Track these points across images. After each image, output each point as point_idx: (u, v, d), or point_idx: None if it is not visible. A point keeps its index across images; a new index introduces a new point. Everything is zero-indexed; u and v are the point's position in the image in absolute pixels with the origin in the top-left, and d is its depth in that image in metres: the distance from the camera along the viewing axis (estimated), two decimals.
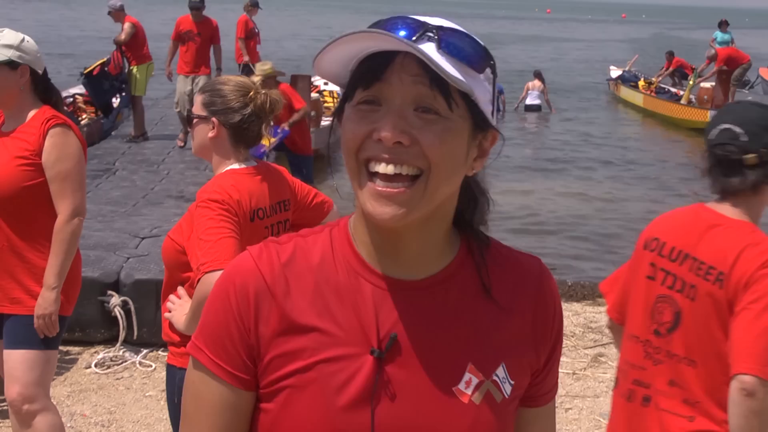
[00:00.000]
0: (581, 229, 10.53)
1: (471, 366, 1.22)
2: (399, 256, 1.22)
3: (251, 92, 2.78)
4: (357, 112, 1.16)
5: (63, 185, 3.30)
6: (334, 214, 3.09)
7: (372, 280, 1.22)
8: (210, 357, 1.22)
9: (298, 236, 1.27)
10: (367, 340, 1.19)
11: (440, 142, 1.13)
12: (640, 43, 49.15)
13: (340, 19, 66.04)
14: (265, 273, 1.21)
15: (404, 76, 1.12)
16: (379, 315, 1.20)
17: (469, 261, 1.26)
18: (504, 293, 1.26)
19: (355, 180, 1.16)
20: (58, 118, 3.34)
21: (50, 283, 3.29)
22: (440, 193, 1.16)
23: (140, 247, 6.22)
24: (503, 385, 1.24)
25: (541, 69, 21.20)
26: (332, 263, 1.23)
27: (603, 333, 6.32)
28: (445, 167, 1.15)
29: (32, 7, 56.52)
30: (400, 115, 1.13)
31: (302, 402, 1.18)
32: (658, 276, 2.41)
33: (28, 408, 3.35)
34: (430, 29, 1.14)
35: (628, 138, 17.98)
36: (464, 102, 1.15)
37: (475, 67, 1.15)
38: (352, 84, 1.17)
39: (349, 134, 1.16)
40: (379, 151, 1.13)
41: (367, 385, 1.18)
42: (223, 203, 2.61)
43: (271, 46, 28.46)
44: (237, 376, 1.22)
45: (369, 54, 1.14)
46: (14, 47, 3.30)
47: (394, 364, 1.19)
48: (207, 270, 2.48)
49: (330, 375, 1.18)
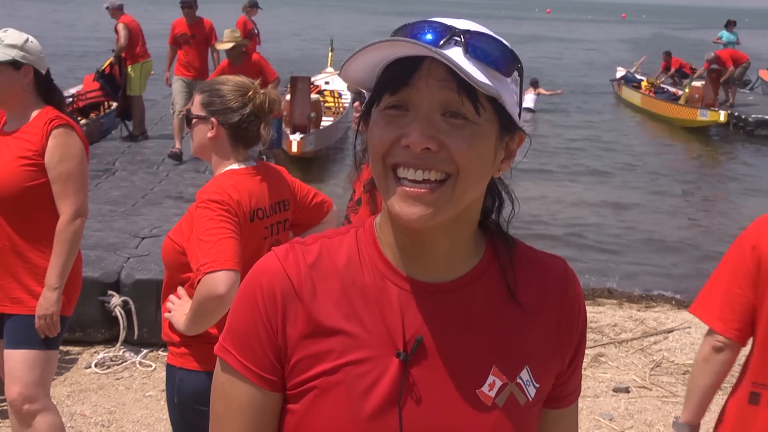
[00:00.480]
0: (580, 229, 10.53)
1: (495, 369, 1.22)
2: (425, 259, 1.22)
3: (250, 92, 2.78)
4: (384, 117, 1.15)
5: (65, 186, 3.30)
6: (333, 214, 3.09)
7: (398, 283, 1.22)
8: (238, 359, 1.22)
9: (324, 237, 1.26)
10: (393, 342, 1.19)
11: (468, 146, 1.13)
12: (640, 43, 49.15)
13: (341, 18, 66.02)
14: (292, 275, 1.21)
15: (431, 82, 1.12)
16: (405, 318, 1.20)
17: (494, 263, 1.26)
18: (529, 295, 1.26)
19: (383, 183, 1.16)
20: (61, 119, 3.34)
21: (52, 283, 3.29)
22: (468, 196, 1.16)
23: (140, 247, 6.22)
24: (527, 388, 1.24)
25: (541, 69, 21.23)
26: (358, 265, 1.23)
27: (603, 333, 6.33)
28: (474, 171, 1.14)
29: (30, 6, 56.49)
30: (428, 121, 1.12)
31: (328, 404, 1.18)
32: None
33: (28, 408, 3.35)
34: (456, 33, 1.13)
35: (623, 137, 17.98)
36: (491, 106, 1.15)
37: (503, 71, 1.15)
38: (379, 89, 1.16)
39: (377, 139, 1.15)
40: (407, 157, 1.12)
41: (393, 388, 1.18)
42: (223, 203, 2.61)
43: (271, 46, 28.42)
44: (265, 378, 1.22)
45: (396, 59, 1.14)
46: (18, 47, 3.31)
47: (419, 367, 1.19)
48: (207, 271, 2.48)
49: (356, 377, 1.18)
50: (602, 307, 7.16)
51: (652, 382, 5.50)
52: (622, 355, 5.96)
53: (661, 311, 7.09)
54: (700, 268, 8.64)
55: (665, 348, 6.06)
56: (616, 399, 5.23)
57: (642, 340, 6.25)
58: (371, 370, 1.18)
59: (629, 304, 7.39)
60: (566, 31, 66.23)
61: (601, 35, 61.20)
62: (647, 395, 5.30)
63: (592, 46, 47.18)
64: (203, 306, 2.49)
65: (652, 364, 5.78)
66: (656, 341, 6.21)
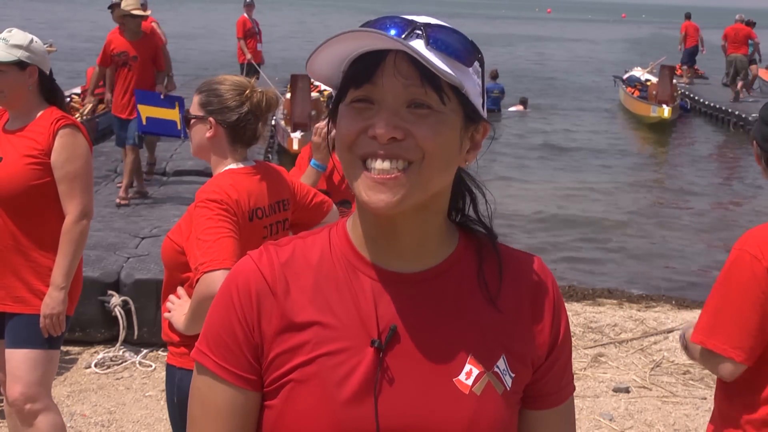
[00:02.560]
0: (580, 229, 10.53)
1: (471, 357, 1.23)
2: (396, 249, 1.23)
3: (247, 91, 2.78)
4: (351, 109, 1.18)
5: (72, 186, 3.32)
6: (333, 214, 3.09)
7: (370, 274, 1.24)
8: (215, 360, 1.23)
9: (298, 238, 1.29)
10: (367, 332, 1.20)
11: (433, 133, 1.16)
12: (640, 43, 49.14)
13: (341, 18, 66.05)
14: (266, 273, 1.23)
15: (396, 75, 1.15)
16: (378, 308, 1.22)
17: (467, 255, 1.28)
18: (503, 287, 1.27)
19: (350, 173, 1.18)
20: (67, 119, 3.37)
21: (58, 283, 3.30)
22: (434, 182, 1.18)
23: (140, 247, 6.23)
24: (504, 377, 1.24)
25: (541, 68, 21.22)
26: (330, 260, 1.25)
27: (603, 333, 6.32)
28: (439, 158, 1.17)
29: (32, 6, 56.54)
30: (393, 112, 1.15)
31: (304, 396, 1.19)
32: None
33: (30, 407, 3.35)
34: (417, 27, 1.17)
35: (620, 137, 18.04)
36: (455, 96, 1.18)
37: (464, 61, 1.18)
38: (345, 84, 1.19)
39: (344, 130, 1.18)
40: (374, 148, 1.15)
41: (368, 377, 1.19)
42: (221, 203, 2.61)
43: (272, 45, 28.45)
44: (243, 377, 1.23)
45: (359, 55, 1.17)
46: (23, 47, 3.33)
47: (394, 356, 1.21)
48: (206, 270, 2.47)
49: (331, 368, 1.19)
50: (602, 307, 7.15)
51: (652, 382, 5.49)
52: (622, 355, 5.96)
53: (661, 311, 7.08)
54: (700, 268, 8.65)
55: (665, 348, 6.06)
56: (616, 399, 5.23)
57: (642, 340, 6.25)
58: (346, 360, 1.19)
59: (629, 304, 7.38)
60: (566, 31, 66.22)
61: (601, 35, 61.18)
62: (647, 395, 5.30)
63: (593, 46, 47.17)
64: (201, 305, 2.49)
65: (652, 364, 5.78)
66: (656, 341, 6.21)
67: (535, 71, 29.69)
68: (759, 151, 2.35)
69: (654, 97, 18.22)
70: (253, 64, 14.02)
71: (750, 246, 2.18)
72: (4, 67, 3.30)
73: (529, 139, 17.17)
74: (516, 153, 15.02)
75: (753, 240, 2.19)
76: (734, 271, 2.20)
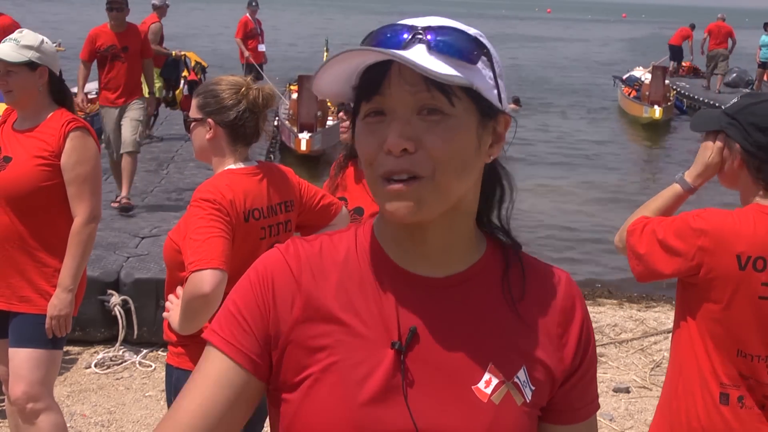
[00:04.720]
0: (580, 229, 10.53)
1: (491, 366, 1.22)
2: (423, 253, 1.23)
3: (243, 88, 2.79)
4: (366, 126, 1.18)
5: (82, 188, 3.33)
6: (343, 217, 3.06)
7: (395, 276, 1.23)
8: (221, 336, 1.22)
9: (325, 235, 1.29)
10: (388, 334, 1.20)
11: (443, 141, 1.14)
12: (640, 43, 49.16)
13: (342, 18, 66.08)
14: (291, 263, 1.23)
15: (402, 84, 1.14)
16: (401, 310, 1.21)
17: (493, 263, 1.27)
18: (528, 298, 1.26)
19: (374, 188, 1.19)
20: (77, 122, 3.39)
21: (66, 284, 3.31)
22: (453, 188, 1.17)
23: (140, 247, 6.23)
24: (524, 389, 1.23)
25: (541, 68, 21.22)
26: (356, 259, 1.25)
27: (603, 333, 6.32)
28: (453, 164, 1.16)
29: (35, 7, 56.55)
30: (404, 122, 1.14)
31: (323, 393, 1.19)
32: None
33: (32, 407, 3.36)
34: (419, 32, 1.16)
35: (617, 137, 18.03)
36: (466, 95, 1.17)
37: (468, 59, 1.17)
38: (357, 99, 1.20)
39: (363, 149, 1.19)
40: (391, 166, 1.15)
41: (388, 378, 1.18)
42: (214, 203, 2.61)
43: (275, 46, 28.44)
44: (247, 356, 1.20)
45: (366, 67, 1.17)
46: (34, 48, 3.34)
47: (413, 360, 1.20)
48: (193, 269, 2.48)
49: (351, 367, 1.19)
50: (602, 307, 7.16)
51: (652, 382, 5.50)
52: (623, 355, 5.97)
53: (661, 311, 7.08)
54: None
55: (665, 348, 6.05)
56: (616, 399, 5.24)
57: (642, 340, 6.26)
58: (366, 360, 1.19)
59: (629, 304, 7.39)
60: (566, 31, 66.26)
61: (601, 35, 61.21)
62: (647, 395, 5.30)
63: (592, 46, 47.19)
64: (190, 304, 2.49)
65: (652, 364, 5.79)
66: (656, 341, 6.22)
67: (535, 71, 29.71)
68: (745, 156, 2.32)
69: (647, 97, 18.19)
70: (253, 64, 14.01)
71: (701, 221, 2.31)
72: (14, 68, 3.31)
73: (522, 137, 17.15)
74: (509, 153, 14.98)
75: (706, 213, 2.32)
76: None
